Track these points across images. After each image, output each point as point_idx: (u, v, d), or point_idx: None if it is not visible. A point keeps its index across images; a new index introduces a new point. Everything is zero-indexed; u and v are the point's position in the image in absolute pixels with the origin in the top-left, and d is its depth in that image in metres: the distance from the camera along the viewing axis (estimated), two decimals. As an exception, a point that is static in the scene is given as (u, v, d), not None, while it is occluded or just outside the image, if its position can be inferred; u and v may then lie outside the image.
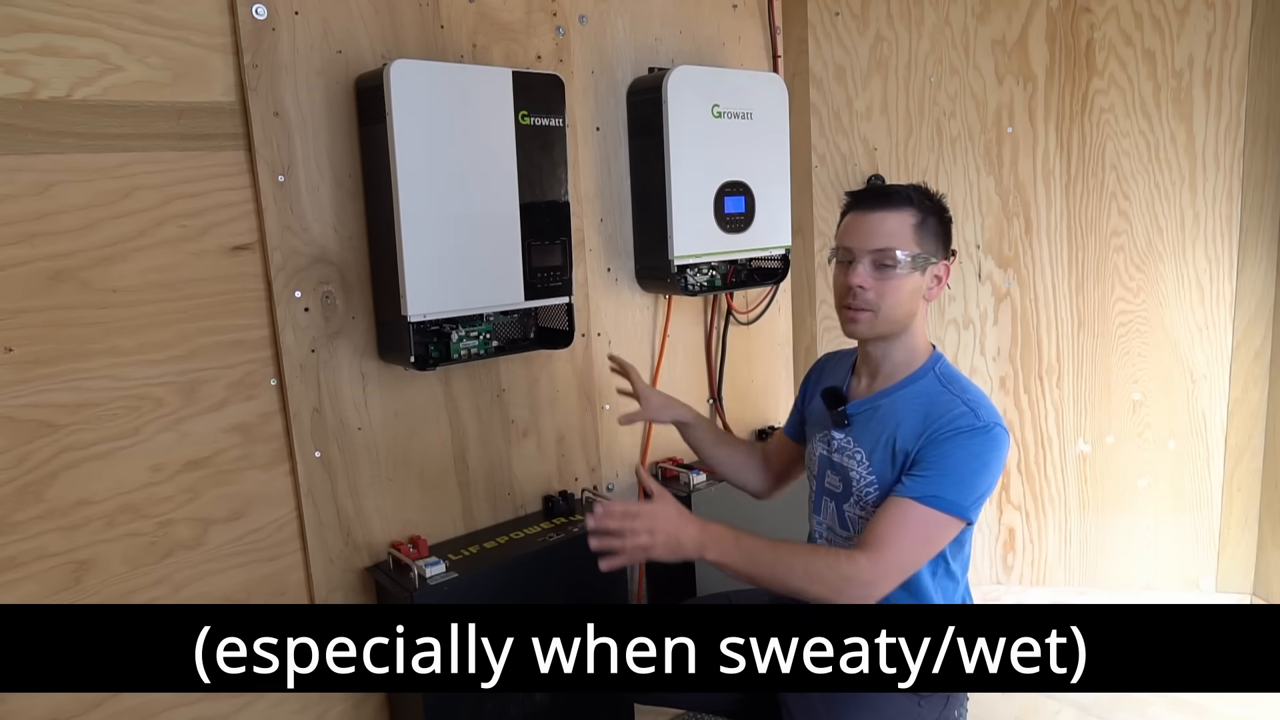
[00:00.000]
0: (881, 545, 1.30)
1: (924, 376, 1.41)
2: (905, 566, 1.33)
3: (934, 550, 1.35)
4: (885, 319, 1.37)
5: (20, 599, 1.36)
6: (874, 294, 1.36)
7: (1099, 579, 2.50)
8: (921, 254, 1.36)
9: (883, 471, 1.39)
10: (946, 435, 1.32)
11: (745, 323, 2.40)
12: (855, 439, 1.44)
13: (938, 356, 1.43)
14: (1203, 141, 2.27)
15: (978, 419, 1.32)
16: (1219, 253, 2.31)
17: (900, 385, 1.42)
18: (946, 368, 1.42)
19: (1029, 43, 2.32)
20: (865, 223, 1.37)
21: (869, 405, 1.43)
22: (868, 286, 1.36)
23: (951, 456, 1.31)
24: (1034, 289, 2.43)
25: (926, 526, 1.31)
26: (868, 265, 1.36)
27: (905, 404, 1.39)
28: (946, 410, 1.34)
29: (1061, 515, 2.50)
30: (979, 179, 2.41)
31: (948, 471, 1.31)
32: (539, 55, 1.87)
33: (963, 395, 1.36)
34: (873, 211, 1.37)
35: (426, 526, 1.81)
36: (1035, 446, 2.48)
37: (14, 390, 1.33)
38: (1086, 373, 2.43)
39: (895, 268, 1.35)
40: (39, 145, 1.32)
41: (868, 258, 1.36)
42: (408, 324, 1.57)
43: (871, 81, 2.40)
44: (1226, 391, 2.36)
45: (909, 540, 1.32)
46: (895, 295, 1.36)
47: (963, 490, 1.30)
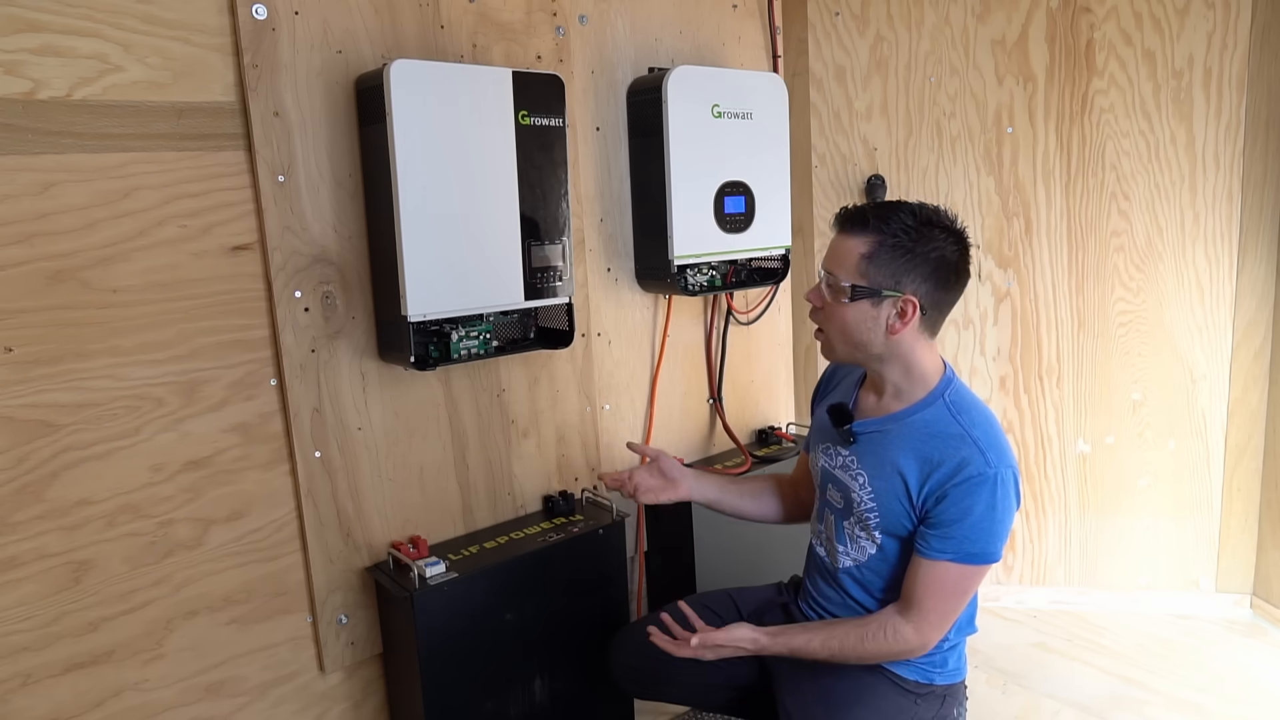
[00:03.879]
0: (922, 610, 1.34)
1: (933, 404, 1.36)
2: (947, 622, 1.37)
3: (970, 596, 1.38)
4: (841, 342, 1.35)
5: (20, 599, 1.37)
6: (823, 315, 1.36)
7: (1099, 579, 2.50)
8: (865, 285, 1.29)
9: (886, 502, 1.38)
10: (962, 489, 1.29)
11: (745, 323, 2.40)
12: (859, 459, 1.42)
13: (949, 380, 1.38)
14: (1203, 142, 2.27)
15: (988, 464, 1.29)
16: (1219, 253, 2.31)
17: (909, 412, 1.38)
18: (958, 394, 1.38)
19: (1029, 43, 2.32)
20: (834, 241, 1.35)
21: (876, 428, 1.40)
22: (818, 305, 1.36)
23: (973, 512, 1.29)
24: (1034, 289, 2.43)
25: (964, 579, 1.33)
26: (823, 284, 1.35)
27: (913, 435, 1.36)
28: (956, 454, 1.31)
29: (1061, 515, 2.50)
30: (979, 179, 2.41)
31: (973, 525, 1.30)
32: (539, 55, 1.87)
33: (971, 431, 1.32)
34: (840, 232, 1.34)
35: (426, 526, 1.81)
36: (1035, 447, 2.48)
37: (14, 390, 1.33)
38: (1086, 373, 2.43)
39: (837, 294, 1.32)
40: (39, 145, 1.31)
41: (822, 275, 1.36)
42: (408, 324, 1.57)
43: (871, 82, 2.40)
44: (1226, 391, 2.36)
45: (948, 599, 1.34)
46: (837, 321, 1.33)
47: (992, 539, 1.31)
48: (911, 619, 1.35)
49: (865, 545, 1.43)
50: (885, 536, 1.40)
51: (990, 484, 1.29)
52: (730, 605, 1.63)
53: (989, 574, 2.63)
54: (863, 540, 1.43)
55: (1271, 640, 2.30)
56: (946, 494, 1.30)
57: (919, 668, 1.43)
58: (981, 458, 1.30)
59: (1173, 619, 2.42)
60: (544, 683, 1.79)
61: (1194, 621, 2.40)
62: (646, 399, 2.19)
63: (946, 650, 1.45)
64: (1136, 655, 2.25)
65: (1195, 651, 2.26)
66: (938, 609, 1.34)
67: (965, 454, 1.30)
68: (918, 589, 1.34)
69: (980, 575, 1.34)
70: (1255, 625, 2.37)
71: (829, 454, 1.49)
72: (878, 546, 1.42)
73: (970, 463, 1.30)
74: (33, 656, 1.38)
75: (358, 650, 1.74)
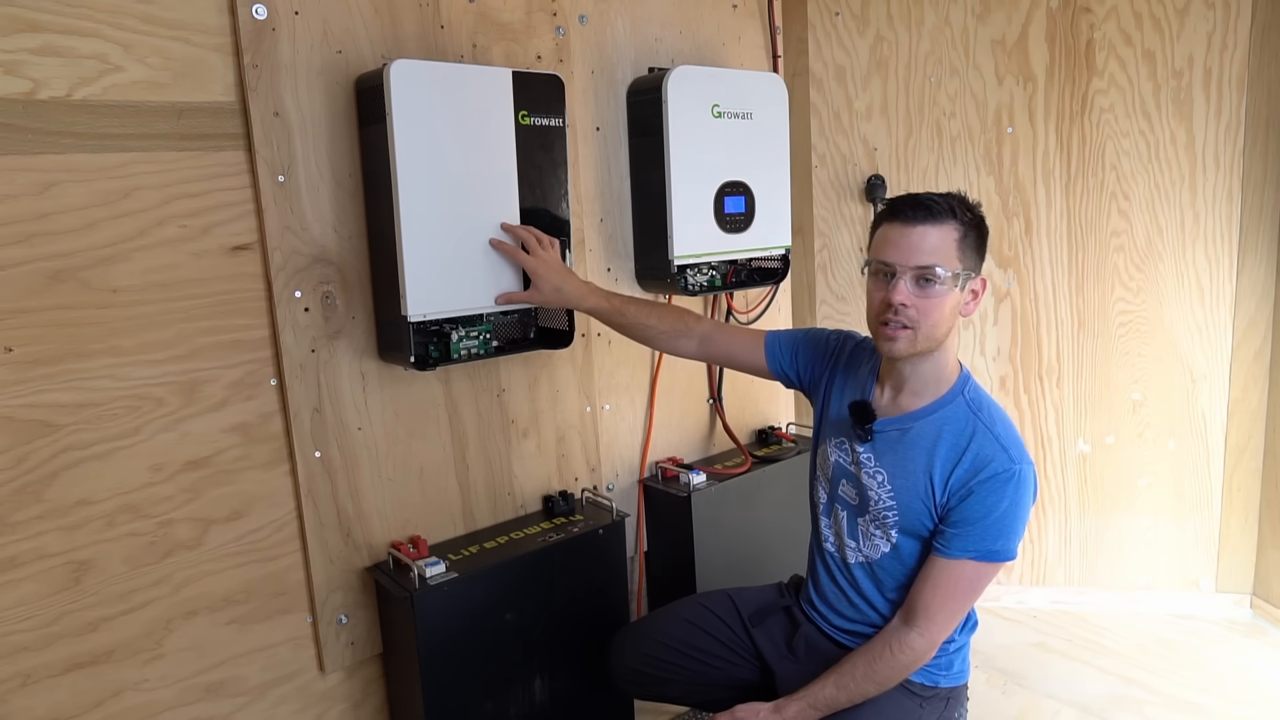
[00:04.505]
0: (930, 616, 1.34)
1: (953, 400, 1.36)
2: (954, 622, 1.37)
3: (980, 595, 1.37)
4: (925, 337, 1.31)
5: (20, 599, 1.36)
6: (915, 311, 1.29)
7: (1099, 579, 2.50)
8: (964, 270, 1.30)
9: (907, 501, 1.38)
10: (987, 486, 1.30)
11: (745, 323, 2.40)
12: (878, 457, 1.41)
13: (966, 377, 1.39)
14: (1203, 142, 2.27)
15: (1011, 461, 1.30)
16: (1219, 253, 2.31)
17: (930, 409, 1.37)
18: (975, 391, 1.38)
19: (1029, 43, 2.32)
20: (907, 237, 1.29)
21: (897, 426, 1.40)
22: (910, 304, 1.29)
23: (996, 509, 1.30)
24: (1034, 289, 2.43)
25: (979, 578, 1.34)
26: (909, 281, 1.29)
27: (935, 432, 1.36)
28: (979, 451, 1.31)
29: (1061, 515, 2.50)
30: (979, 179, 2.41)
31: (995, 523, 1.30)
32: (539, 55, 1.87)
33: (992, 428, 1.33)
34: (915, 225, 1.29)
35: (426, 526, 1.81)
36: (1035, 446, 2.48)
37: (14, 390, 1.33)
38: (1086, 373, 2.43)
39: (938, 284, 1.28)
40: (39, 145, 1.31)
41: (910, 274, 1.28)
42: (408, 324, 1.57)
43: (871, 82, 2.40)
44: (1226, 391, 2.36)
45: (960, 599, 1.34)
46: (937, 313, 1.30)
47: (1011, 536, 1.32)
48: (917, 624, 1.34)
49: (879, 543, 1.43)
50: (902, 536, 1.40)
51: (1015, 481, 1.30)
52: (730, 607, 1.63)
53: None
54: (877, 538, 1.43)
55: (1271, 640, 2.30)
56: (972, 491, 1.30)
57: (925, 670, 1.43)
58: (1005, 454, 1.30)
59: (1173, 619, 2.42)
60: (544, 683, 1.79)
61: (1194, 621, 2.40)
62: (646, 399, 2.19)
63: (952, 653, 1.45)
64: (1136, 655, 2.25)
65: (1195, 651, 2.26)
66: (946, 609, 1.34)
67: (989, 451, 1.31)
68: (927, 591, 1.34)
69: (994, 573, 1.35)
70: (1255, 625, 2.37)
71: (843, 449, 1.48)
72: (892, 545, 1.41)
73: (994, 459, 1.30)
74: (33, 656, 1.38)
75: (358, 650, 1.74)
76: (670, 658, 1.59)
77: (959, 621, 1.37)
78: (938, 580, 1.33)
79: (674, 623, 1.63)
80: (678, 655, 1.59)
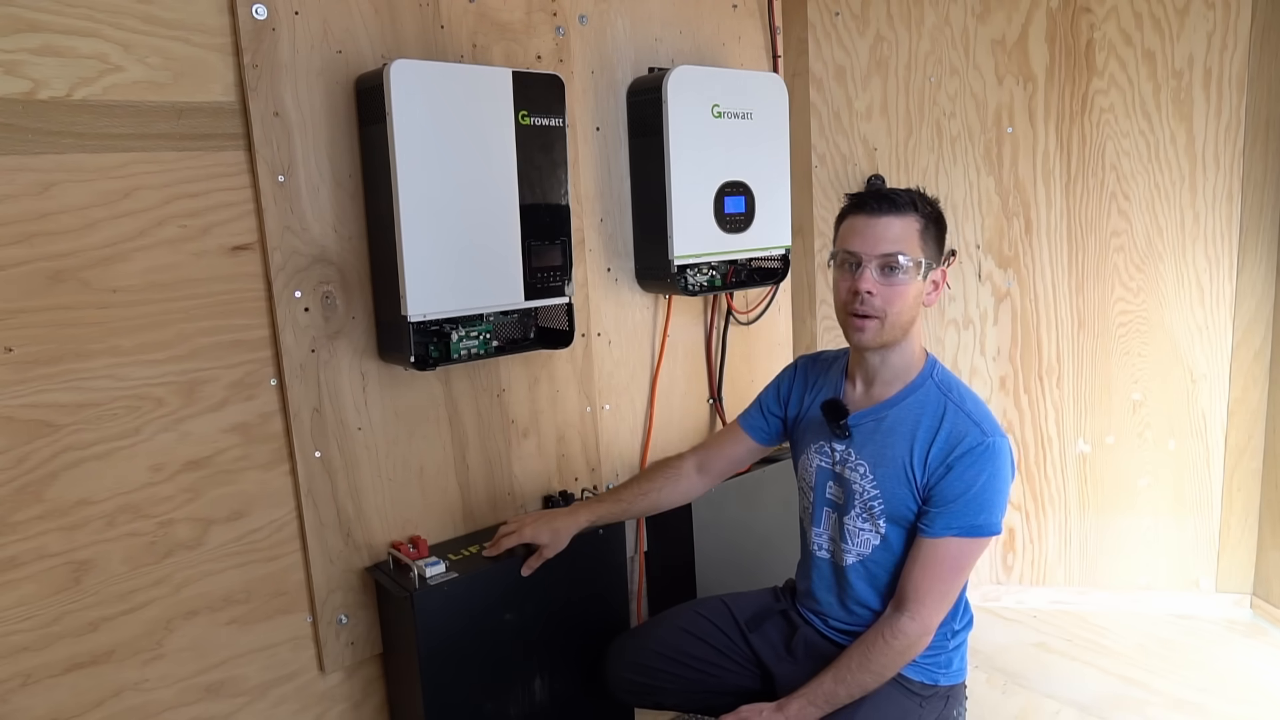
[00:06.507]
0: (920, 599, 1.35)
1: (923, 385, 1.41)
2: (946, 603, 1.38)
3: (968, 573, 1.39)
4: (892, 325, 1.36)
5: (20, 599, 1.36)
6: (881, 300, 1.34)
7: (1099, 579, 2.50)
8: (926, 260, 1.36)
9: (891, 487, 1.39)
10: (964, 461, 1.33)
11: (745, 323, 2.40)
12: (857, 451, 1.43)
13: (933, 362, 1.44)
14: (1203, 142, 2.27)
15: (984, 434, 1.34)
16: (1219, 253, 2.31)
17: (902, 395, 1.41)
18: (943, 372, 1.43)
19: (1029, 43, 2.32)
20: (871, 227, 1.35)
21: (871, 417, 1.43)
22: (875, 292, 1.34)
23: (976, 484, 1.32)
24: (1034, 289, 2.43)
25: (965, 555, 1.35)
26: (875, 270, 1.34)
27: (910, 417, 1.39)
28: (952, 429, 1.35)
29: (1061, 515, 2.50)
30: (979, 179, 2.41)
31: (976, 497, 1.32)
32: (539, 55, 1.87)
33: (963, 406, 1.38)
34: (879, 216, 1.35)
35: (426, 526, 1.81)
36: (1035, 446, 2.48)
37: (14, 390, 1.33)
38: (1086, 373, 2.43)
39: (901, 272, 1.34)
40: (39, 145, 1.31)
41: (875, 262, 1.34)
42: (408, 324, 1.57)
43: (871, 82, 2.40)
44: (1226, 391, 2.36)
45: (948, 579, 1.35)
46: (901, 301, 1.35)
47: (993, 510, 1.34)
48: (908, 609, 1.35)
49: (869, 537, 1.43)
50: (890, 524, 1.41)
51: (990, 453, 1.32)
52: (726, 614, 1.63)
53: (989, 574, 2.63)
54: (866, 532, 1.43)
55: (1271, 640, 2.30)
56: (951, 467, 1.33)
57: (924, 669, 1.43)
58: (977, 429, 1.34)
59: (1173, 619, 2.42)
60: (544, 683, 1.79)
61: (1194, 621, 2.40)
62: (646, 399, 2.20)
63: (951, 650, 1.45)
64: (1137, 655, 2.25)
65: (1195, 651, 2.26)
66: (935, 590, 1.34)
67: (962, 428, 1.34)
68: (915, 573, 1.35)
69: (980, 549, 1.36)
70: (1255, 625, 2.37)
71: (823, 453, 1.49)
72: (881, 537, 1.42)
73: (968, 434, 1.33)
74: (33, 656, 1.38)
75: (358, 650, 1.74)
76: (666, 667, 1.59)
77: (950, 604, 1.37)
78: (925, 561, 1.34)
79: (670, 631, 1.63)
80: (674, 664, 1.59)
